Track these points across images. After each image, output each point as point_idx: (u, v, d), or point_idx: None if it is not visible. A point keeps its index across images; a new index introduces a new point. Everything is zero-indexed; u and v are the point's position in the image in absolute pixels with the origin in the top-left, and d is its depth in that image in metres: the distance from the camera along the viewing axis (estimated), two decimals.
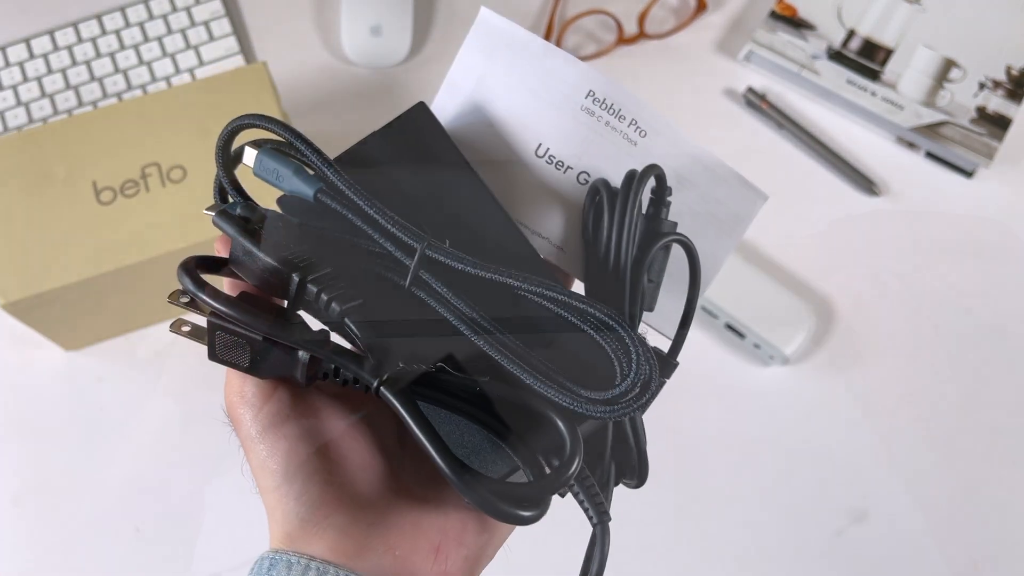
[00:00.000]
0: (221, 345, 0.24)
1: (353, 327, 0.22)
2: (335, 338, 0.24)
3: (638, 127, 0.28)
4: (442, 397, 0.23)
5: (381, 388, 0.22)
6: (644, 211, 0.27)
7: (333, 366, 0.22)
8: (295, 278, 0.22)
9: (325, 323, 0.23)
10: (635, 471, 0.27)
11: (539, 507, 0.22)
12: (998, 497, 0.57)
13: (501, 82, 0.28)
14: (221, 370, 0.25)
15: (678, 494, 0.57)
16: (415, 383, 0.23)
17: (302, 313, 0.24)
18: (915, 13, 0.66)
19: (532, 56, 0.27)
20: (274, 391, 0.24)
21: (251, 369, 0.24)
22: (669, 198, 0.27)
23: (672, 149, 0.28)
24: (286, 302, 0.24)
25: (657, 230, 0.27)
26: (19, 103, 0.63)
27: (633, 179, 0.26)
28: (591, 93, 0.27)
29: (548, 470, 0.23)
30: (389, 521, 0.24)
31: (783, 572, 0.56)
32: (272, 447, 0.24)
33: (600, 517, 0.24)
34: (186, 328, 0.25)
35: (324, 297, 0.23)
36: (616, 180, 0.27)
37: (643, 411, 0.23)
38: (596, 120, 0.27)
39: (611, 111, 0.28)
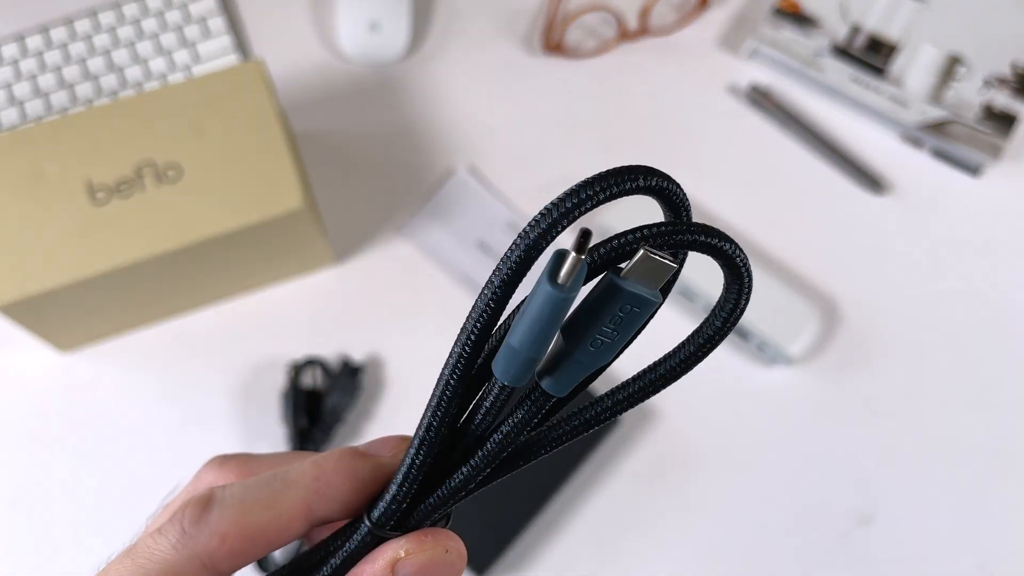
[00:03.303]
0: None
1: None
2: None
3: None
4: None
5: None
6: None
7: None
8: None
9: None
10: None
11: None
12: (1006, 498, 0.56)
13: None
14: (217, 373, 0.24)
15: (682, 495, 0.56)
16: None
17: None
18: (920, 10, 0.65)
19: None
20: None
21: None
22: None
23: None
24: None
25: None
26: (13, 102, 0.62)
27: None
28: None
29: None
30: None
31: (788, 574, 0.55)
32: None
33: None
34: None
35: None
36: None
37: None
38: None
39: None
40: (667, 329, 0.26)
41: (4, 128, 0.61)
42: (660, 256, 0.17)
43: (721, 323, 0.18)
